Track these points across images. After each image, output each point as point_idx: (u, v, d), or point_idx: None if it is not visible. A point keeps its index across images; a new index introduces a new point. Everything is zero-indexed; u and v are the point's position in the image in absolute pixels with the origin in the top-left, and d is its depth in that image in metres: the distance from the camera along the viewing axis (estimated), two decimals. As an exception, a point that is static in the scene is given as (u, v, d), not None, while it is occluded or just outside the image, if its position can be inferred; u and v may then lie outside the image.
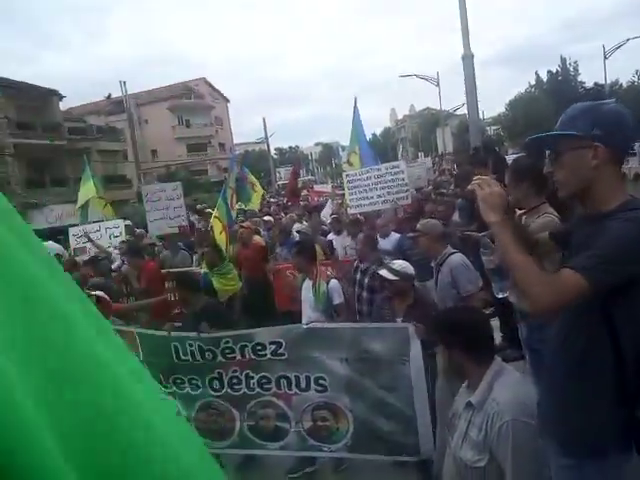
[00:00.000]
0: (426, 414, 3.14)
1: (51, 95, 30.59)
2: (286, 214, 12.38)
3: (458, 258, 3.96)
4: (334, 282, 4.52)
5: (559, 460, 1.77)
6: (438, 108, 41.58)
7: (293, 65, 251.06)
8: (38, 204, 19.91)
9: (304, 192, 19.18)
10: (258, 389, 3.48)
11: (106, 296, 4.34)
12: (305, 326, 3.52)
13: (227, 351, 3.47)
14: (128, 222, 11.18)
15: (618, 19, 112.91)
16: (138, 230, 10.63)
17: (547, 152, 1.89)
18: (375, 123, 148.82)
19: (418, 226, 4.35)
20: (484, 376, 2.02)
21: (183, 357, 3.56)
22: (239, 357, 3.45)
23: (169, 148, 45.41)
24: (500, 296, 3.61)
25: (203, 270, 6.37)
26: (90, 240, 8.48)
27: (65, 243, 10.51)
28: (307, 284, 4.61)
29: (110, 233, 8.82)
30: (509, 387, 1.97)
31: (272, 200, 20.01)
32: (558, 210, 3.19)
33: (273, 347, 3.38)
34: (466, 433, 2.02)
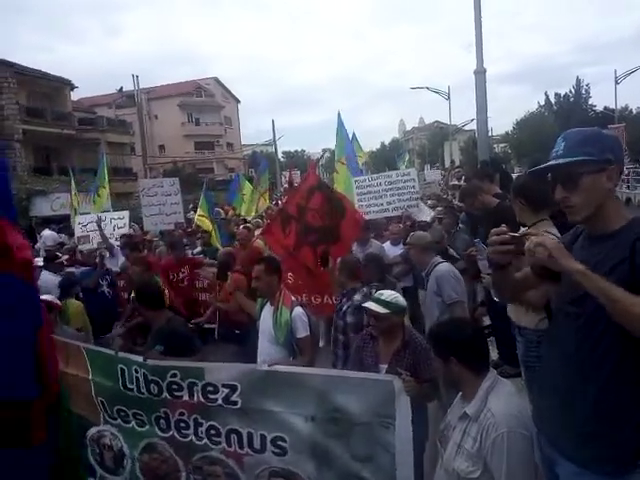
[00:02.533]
0: None
1: (64, 84, 30.77)
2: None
3: (445, 267, 4.08)
4: (299, 310, 3.69)
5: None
6: (447, 122, 41.80)
7: (306, 70, 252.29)
8: (44, 191, 19.93)
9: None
10: (206, 440, 2.95)
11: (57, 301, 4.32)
12: (265, 368, 2.87)
13: (174, 387, 2.96)
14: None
15: (632, 44, 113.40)
16: (134, 226, 10.63)
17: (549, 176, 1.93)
18: (384, 133, 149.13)
19: (408, 238, 4.54)
20: (479, 387, 2.04)
21: (129, 384, 3.11)
22: (186, 397, 2.93)
23: (177, 144, 45.55)
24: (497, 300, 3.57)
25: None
26: (100, 228, 8.41)
27: (66, 230, 10.54)
28: (267, 310, 3.82)
29: (115, 224, 8.82)
30: (504, 399, 1.99)
31: (275, 204, 20.07)
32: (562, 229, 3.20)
33: (226, 391, 2.83)
34: (460, 444, 2.02)
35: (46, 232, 10.36)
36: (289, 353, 3.65)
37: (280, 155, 54.12)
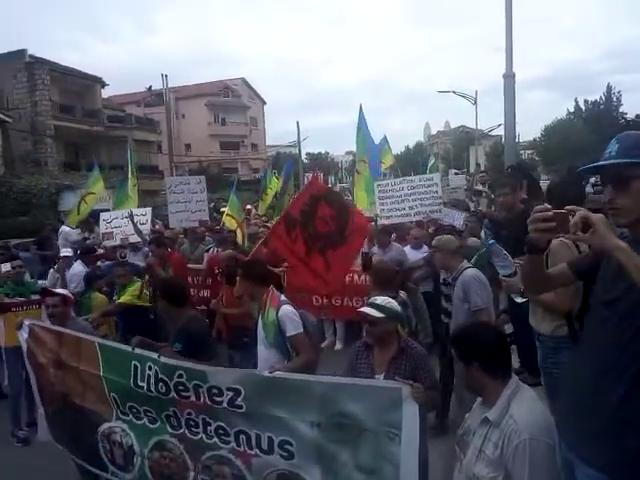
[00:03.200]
0: None
1: (95, 82, 31.45)
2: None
3: (472, 272, 4.00)
4: (286, 308, 3.54)
5: None
6: (473, 127, 41.32)
7: (333, 73, 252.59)
8: (72, 186, 20.36)
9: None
10: (216, 438, 2.97)
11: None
12: (266, 374, 2.84)
13: (180, 387, 3.00)
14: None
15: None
16: (158, 223, 10.77)
17: (592, 179, 1.92)
18: (409, 136, 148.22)
19: (433, 242, 4.47)
20: (501, 393, 2.01)
21: (140, 382, 3.15)
22: (193, 398, 2.97)
23: (203, 144, 46.10)
24: (519, 301, 3.51)
25: None
26: (133, 222, 8.46)
27: (88, 226, 10.71)
28: (260, 313, 3.73)
29: (137, 220, 8.94)
30: (527, 405, 1.96)
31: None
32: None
33: (230, 395, 2.84)
34: (481, 449, 2.00)
35: (65, 228, 10.53)
36: (282, 354, 3.51)
37: (304, 156, 54.29)
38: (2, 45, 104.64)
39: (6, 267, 5.45)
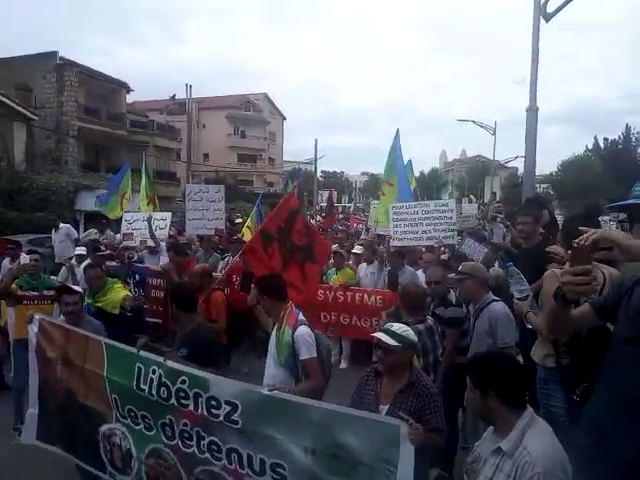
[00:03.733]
0: None
1: (120, 87, 32.04)
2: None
3: (500, 307, 3.86)
4: (303, 330, 3.40)
5: None
6: (490, 157, 41.37)
7: (353, 94, 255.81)
8: (90, 186, 20.65)
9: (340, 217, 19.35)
10: (208, 454, 2.94)
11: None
12: (266, 391, 2.79)
13: (181, 394, 2.99)
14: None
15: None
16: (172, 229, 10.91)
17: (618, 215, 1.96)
18: (423, 162, 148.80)
19: (462, 268, 4.24)
20: (516, 423, 1.99)
21: (142, 385, 3.17)
22: (191, 407, 2.95)
23: (220, 154, 46.63)
24: (519, 297, 3.49)
25: None
26: (150, 226, 8.57)
27: (101, 227, 11.00)
28: (275, 329, 3.62)
29: (157, 225, 9.05)
30: (541, 438, 1.94)
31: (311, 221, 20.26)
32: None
33: (228, 409, 2.81)
34: (492, 479, 1.97)
35: (66, 225, 11.08)
36: (291, 375, 3.42)
37: (319, 174, 54.68)
38: (36, 46, 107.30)
39: (25, 259, 5.51)
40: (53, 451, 3.90)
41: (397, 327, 2.90)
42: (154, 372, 3.12)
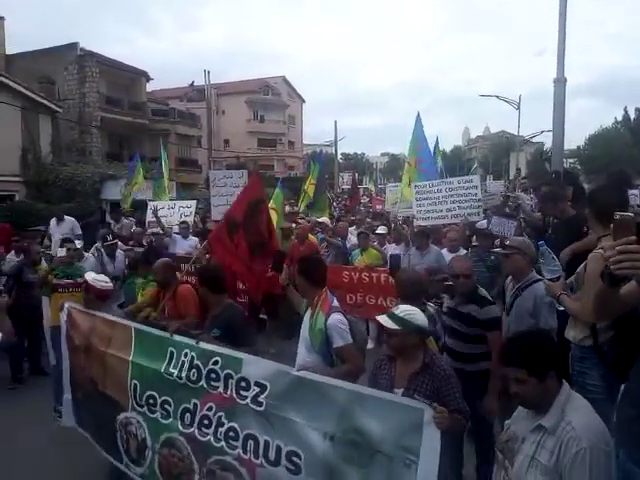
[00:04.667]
0: None
1: (140, 76, 32.19)
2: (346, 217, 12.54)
3: (544, 288, 3.61)
4: (336, 317, 3.32)
5: None
6: (514, 132, 40.44)
7: (372, 74, 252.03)
8: (114, 176, 20.98)
9: (365, 199, 19.24)
10: (224, 442, 2.91)
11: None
12: (296, 372, 2.75)
13: (212, 375, 2.99)
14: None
15: None
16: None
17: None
18: (446, 139, 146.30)
19: (511, 242, 4.00)
20: (555, 400, 1.96)
21: (171, 369, 3.17)
22: (221, 389, 2.94)
23: (241, 140, 46.71)
24: (561, 308, 3.41)
25: None
26: (156, 216, 8.90)
27: (116, 216, 11.25)
28: (307, 314, 3.57)
29: (181, 212, 9.20)
30: (584, 412, 1.91)
31: (334, 204, 20.21)
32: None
33: (257, 390, 2.79)
34: (533, 457, 1.95)
35: (70, 218, 10.75)
36: (325, 362, 3.34)
37: (339, 156, 54.39)
38: (57, 39, 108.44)
39: (62, 252, 5.66)
40: (86, 437, 3.98)
41: (401, 310, 2.84)
42: (186, 355, 3.13)
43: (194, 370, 3.07)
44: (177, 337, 3.30)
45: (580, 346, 3.14)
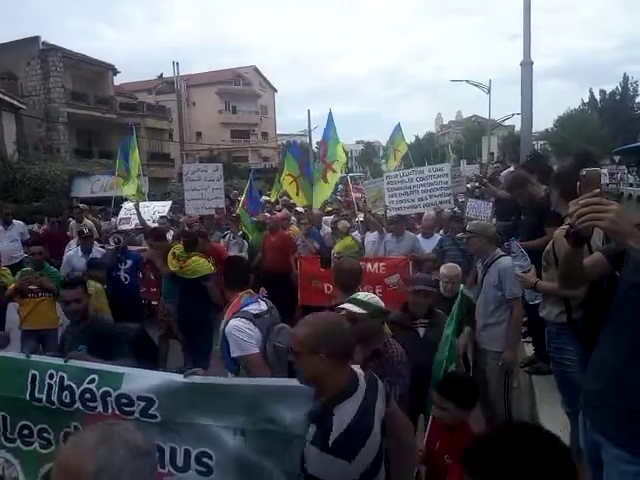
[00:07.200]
0: None
1: (107, 69, 31.49)
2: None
3: (508, 261, 3.91)
4: (232, 323, 3.04)
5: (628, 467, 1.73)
6: (485, 116, 40.89)
7: (344, 62, 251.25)
8: (85, 173, 20.53)
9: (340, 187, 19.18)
10: None
11: None
12: (183, 379, 2.52)
13: (87, 396, 2.65)
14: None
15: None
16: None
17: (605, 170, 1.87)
18: (418, 127, 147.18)
19: (469, 227, 4.42)
20: None
21: (37, 394, 2.76)
22: (100, 409, 2.61)
23: (213, 132, 46.11)
24: (532, 303, 3.53)
25: None
26: (137, 212, 8.62)
27: (98, 213, 10.87)
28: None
29: (155, 210, 9.04)
30: None
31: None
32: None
33: (142, 404, 2.53)
34: None
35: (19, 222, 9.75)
36: (230, 369, 3.11)
37: (314, 146, 54.17)
38: (15, 32, 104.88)
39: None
40: None
41: (363, 295, 2.86)
42: (52, 377, 2.77)
43: (66, 392, 2.72)
44: (36, 357, 2.94)
45: (556, 323, 3.24)
